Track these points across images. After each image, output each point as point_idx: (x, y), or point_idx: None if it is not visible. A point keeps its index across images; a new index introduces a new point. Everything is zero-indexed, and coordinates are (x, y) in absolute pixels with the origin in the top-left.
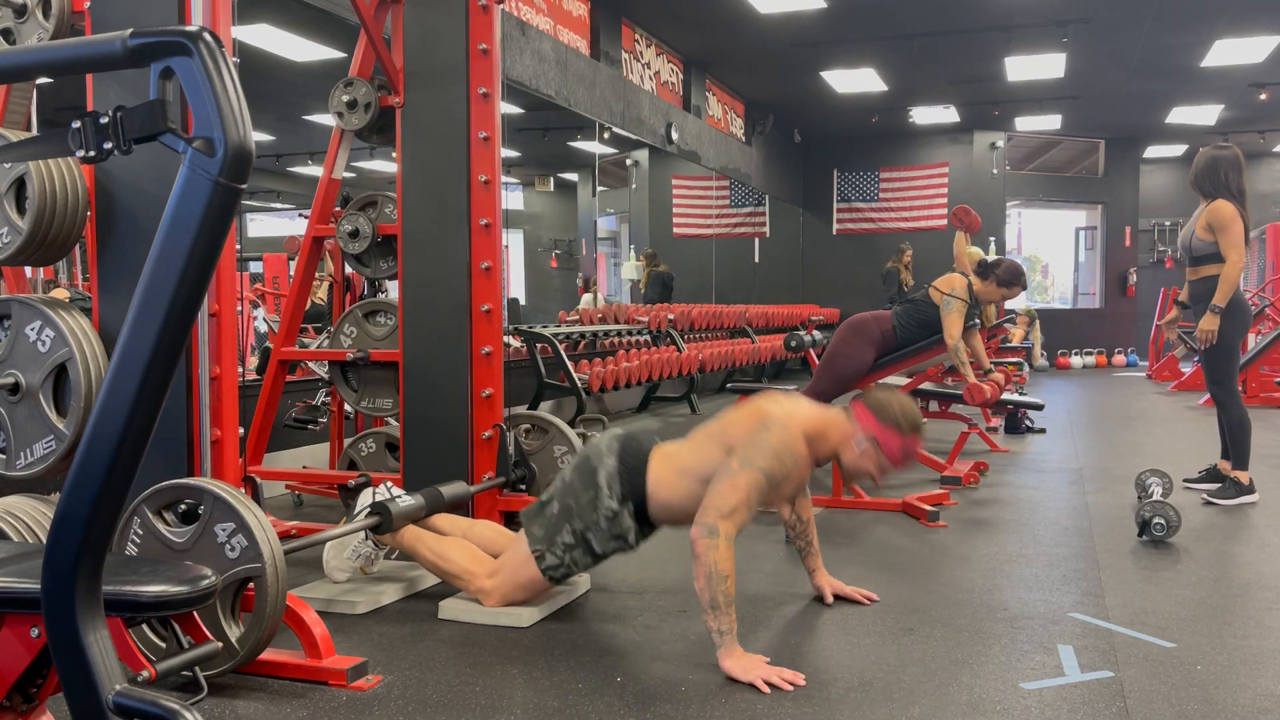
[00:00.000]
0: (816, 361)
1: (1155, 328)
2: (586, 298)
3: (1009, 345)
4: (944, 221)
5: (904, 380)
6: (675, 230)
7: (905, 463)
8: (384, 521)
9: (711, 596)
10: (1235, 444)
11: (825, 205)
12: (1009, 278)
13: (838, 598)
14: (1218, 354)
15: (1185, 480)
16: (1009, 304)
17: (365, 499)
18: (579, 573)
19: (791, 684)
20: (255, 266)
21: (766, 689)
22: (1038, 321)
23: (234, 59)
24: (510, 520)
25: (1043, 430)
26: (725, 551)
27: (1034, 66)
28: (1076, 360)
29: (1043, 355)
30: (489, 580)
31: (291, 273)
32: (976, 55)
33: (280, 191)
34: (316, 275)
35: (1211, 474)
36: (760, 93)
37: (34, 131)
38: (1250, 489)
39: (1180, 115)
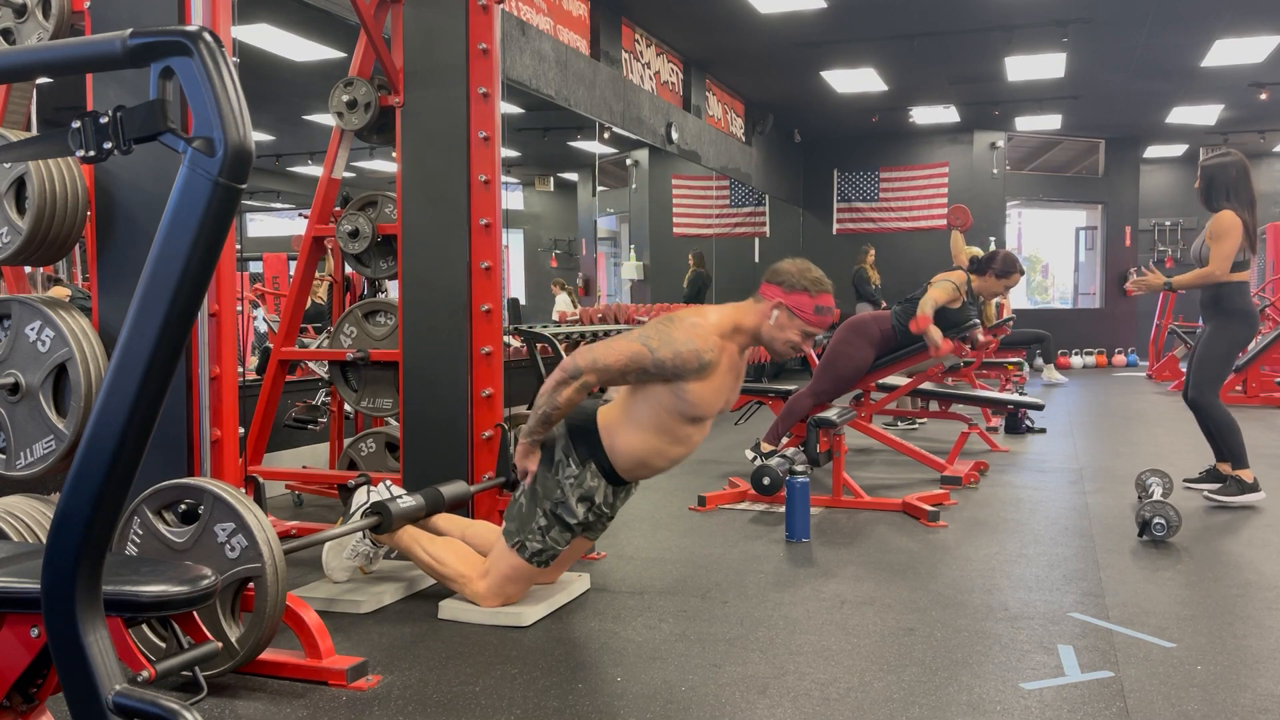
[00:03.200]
0: (816, 361)
1: (1155, 327)
2: (561, 298)
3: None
4: (944, 221)
5: (904, 380)
6: (675, 230)
7: (822, 320)
8: (384, 521)
9: (541, 413)
10: (1228, 445)
11: (825, 205)
12: (1006, 266)
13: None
14: (1215, 358)
15: (1186, 481)
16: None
17: (360, 498)
18: (564, 548)
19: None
20: (255, 266)
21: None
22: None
23: (234, 59)
24: None
25: (1043, 430)
26: (571, 393)
27: (1034, 66)
28: (1076, 360)
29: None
30: (482, 583)
31: (291, 273)
32: (976, 55)
33: (280, 191)
34: (316, 275)
35: (1211, 474)
36: (760, 93)
37: (34, 131)
38: (1255, 487)
39: (1180, 115)
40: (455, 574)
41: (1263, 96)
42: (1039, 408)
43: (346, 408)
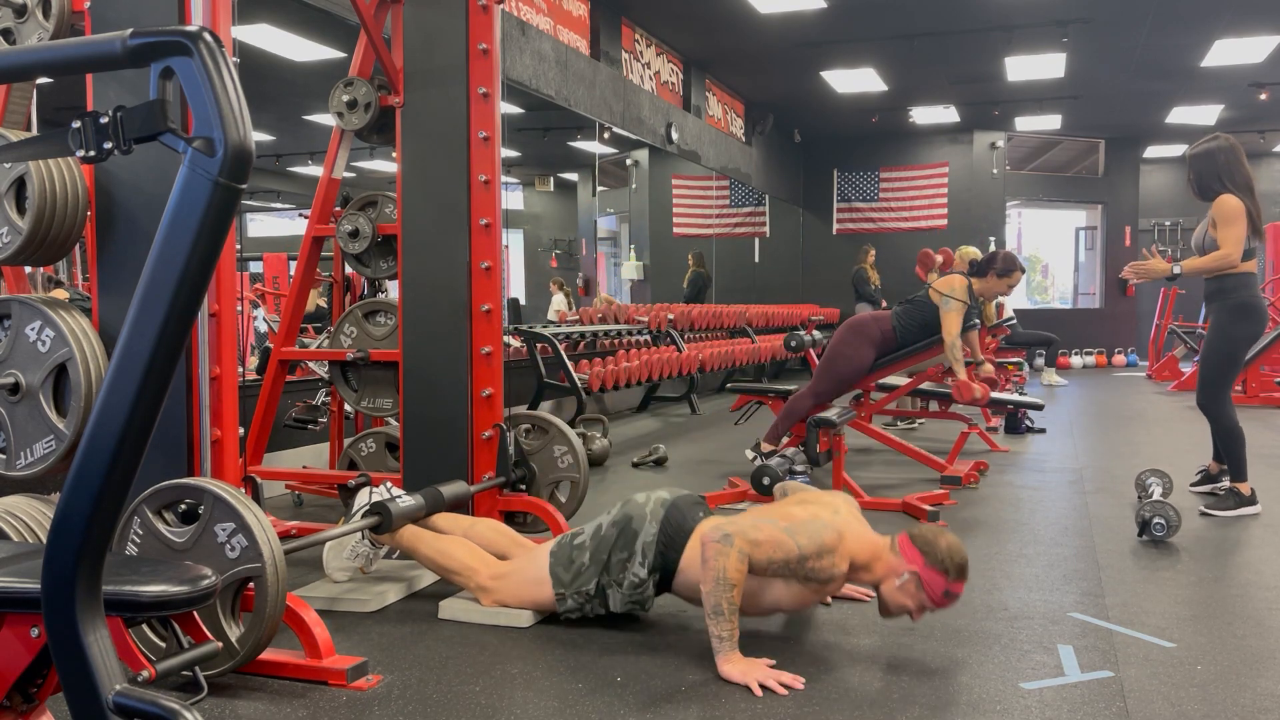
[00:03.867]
0: (816, 361)
1: (1155, 327)
2: (558, 297)
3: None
4: (944, 221)
5: (904, 380)
6: (675, 230)
7: (947, 605)
8: (384, 521)
9: (716, 602)
10: (1230, 455)
11: (825, 205)
12: (1006, 265)
13: (838, 597)
14: (1219, 357)
15: (1190, 486)
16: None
17: (362, 499)
18: (590, 611)
19: (788, 687)
20: (255, 266)
21: (760, 691)
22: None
23: (234, 59)
24: (510, 520)
25: (1043, 430)
26: (736, 562)
27: (1034, 66)
28: (1076, 360)
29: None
30: (491, 580)
31: (292, 273)
32: (976, 55)
33: (280, 191)
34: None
35: (1206, 476)
36: (760, 93)
37: (34, 131)
38: (1252, 500)
39: (1180, 115)
40: (461, 566)
41: (1263, 96)
42: (1039, 408)
43: (346, 408)
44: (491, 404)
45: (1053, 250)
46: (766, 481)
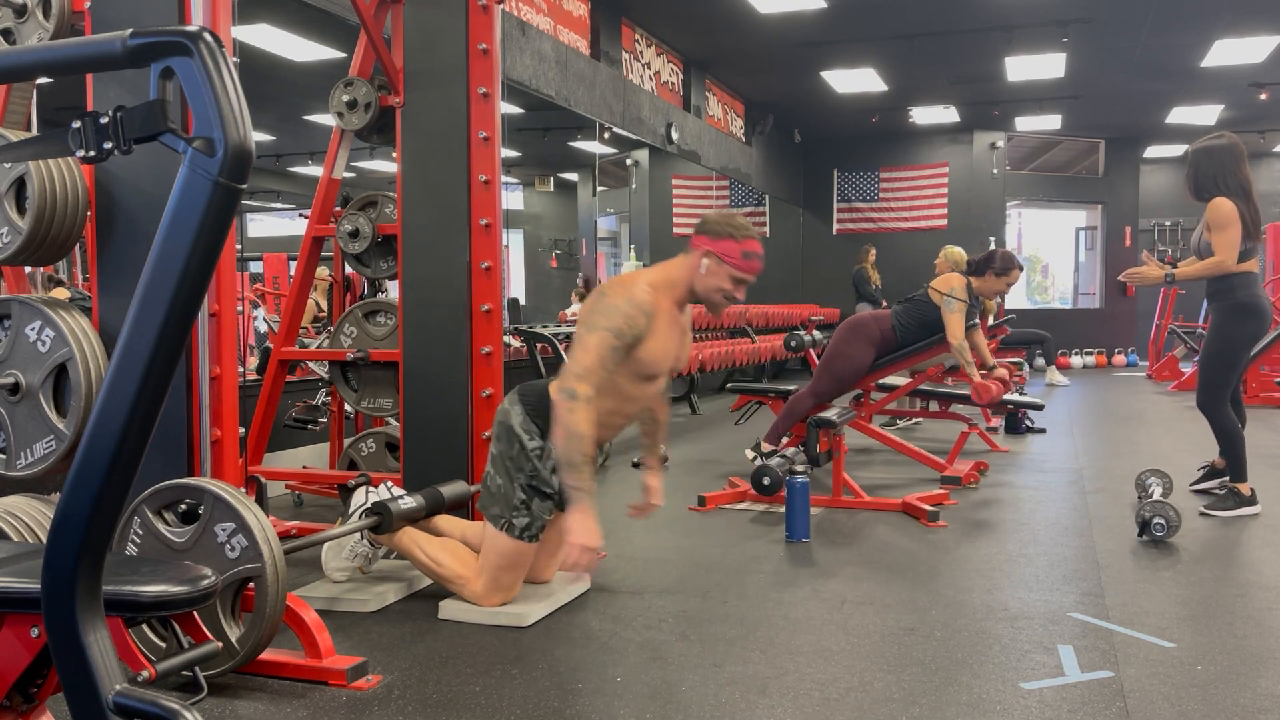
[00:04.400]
0: (816, 361)
1: (1155, 327)
2: (575, 307)
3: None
4: (944, 222)
5: (905, 380)
6: (675, 230)
7: (750, 265)
8: (384, 521)
9: (569, 455)
10: (1229, 455)
11: (825, 205)
12: (1005, 264)
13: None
14: (1218, 358)
15: (1191, 486)
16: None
17: (359, 499)
18: (550, 518)
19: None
20: (255, 266)
21: (571, 564)
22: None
23: (234, 59)
24: None
25: (1043, 430)
26: (583, 413)
27: (1034, 66)
28: (1076, 360)
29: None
30: (478, 581)
31: (292, 273)
32: (976, 55)
33: (280, 191)
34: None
35: (1210, 472)
36: (760, 93)
37: (34, 131)
38: (1252, 500)
39: (1180, 115)
40: (454, 575)
41: (1263, 96)
42: (1039, 408)
43: (346, 408)
44: (491, 404)
45: (1053, 250)
46: (766, 481)
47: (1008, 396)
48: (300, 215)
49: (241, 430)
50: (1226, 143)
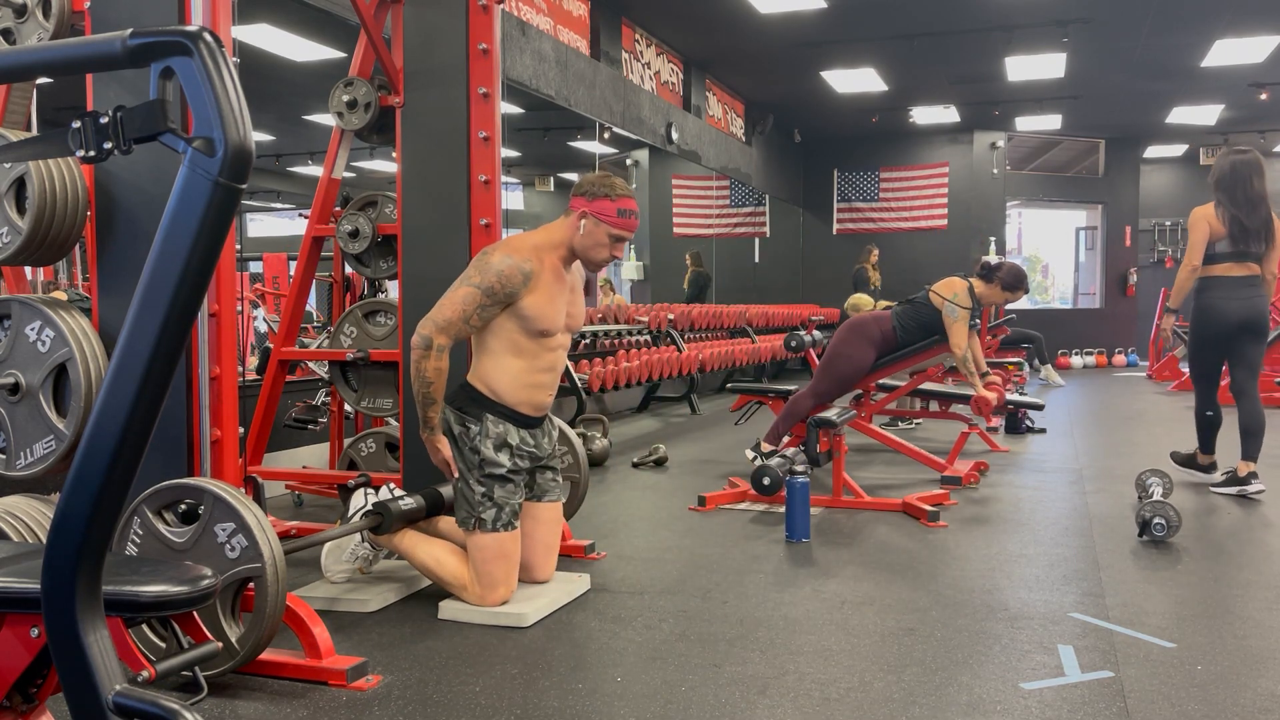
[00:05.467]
0: (816, 362)
1: (1155, 327)
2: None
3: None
4: (944, 222)
5: (904, 380)
6: (675, 230)
7: (627, 223)
8: (384, 522)
9: (421, 396)
10: (1199, 431)
11: (825, 205)
12: (1013, 281)
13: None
14: (1189, 359)
15: (1212, 488)
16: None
17: (358, 501)
18: (516, 502)
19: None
20: (255, 266)
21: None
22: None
23: (234, 59)
24: None
25: (1043, 430)
26: (435, 362)
27: (1034, 66)
28: (1076, 360)
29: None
30: (474, 585)
31: (292, 273)
32: (976, 55)
33: (280, 191)
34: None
35: (1231, 478)
36: (760, 93)
37: (34, 131)
38: (1209, 470)
39: (1180, 115)
40: (453, 578)
41: (1263, 96)
42: (1039, 408)
43: (346, 408)
44: None
45: (1053, 250)
46: (767, 482)
47: (1008, 397)
48: (300, 215)
49: (241, 430)
50: (1241, 158)
